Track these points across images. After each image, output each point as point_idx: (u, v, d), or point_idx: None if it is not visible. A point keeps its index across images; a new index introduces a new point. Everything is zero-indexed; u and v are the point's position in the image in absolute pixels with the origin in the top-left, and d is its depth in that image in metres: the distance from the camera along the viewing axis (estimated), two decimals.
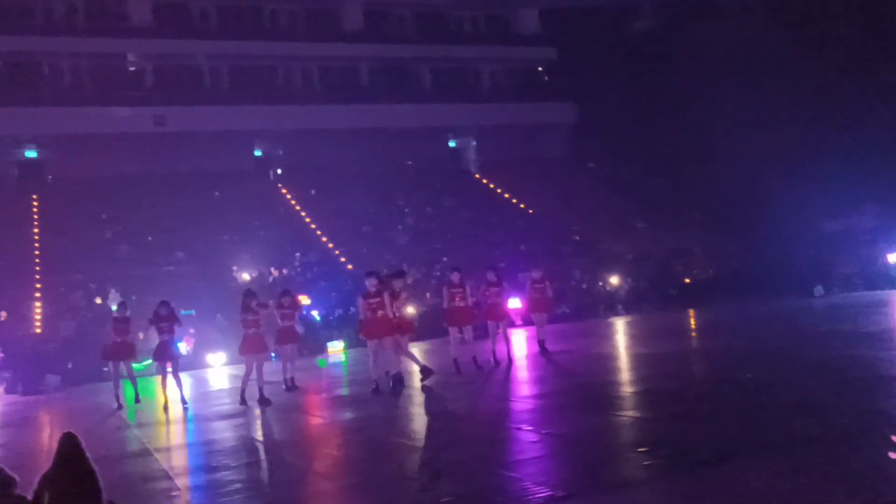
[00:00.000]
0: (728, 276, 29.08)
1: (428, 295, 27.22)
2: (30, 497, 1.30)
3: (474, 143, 42.03)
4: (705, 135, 34.71)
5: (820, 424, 6.78)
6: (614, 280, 29.97)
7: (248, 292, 13.30)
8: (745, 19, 34.06)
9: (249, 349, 12.55)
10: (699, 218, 33.13)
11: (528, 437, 7.81)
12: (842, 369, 9.48)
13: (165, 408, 12.61)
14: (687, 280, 30.91)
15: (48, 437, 11.63)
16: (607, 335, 20.74)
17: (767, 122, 32.74)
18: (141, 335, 21.97)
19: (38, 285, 27.12)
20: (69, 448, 1.17)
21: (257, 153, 38.91)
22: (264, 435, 10.14)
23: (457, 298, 13.42)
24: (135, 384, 14.37)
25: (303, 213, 34.64)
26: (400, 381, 12.31)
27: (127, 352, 14.41)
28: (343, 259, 30.47)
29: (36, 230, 30.96)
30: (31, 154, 35.39)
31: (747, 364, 11.31)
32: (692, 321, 22.52)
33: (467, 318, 13.62)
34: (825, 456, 5.73)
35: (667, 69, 35.99)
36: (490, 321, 14.38)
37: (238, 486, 6.84)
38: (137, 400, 14.13)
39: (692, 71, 34.90)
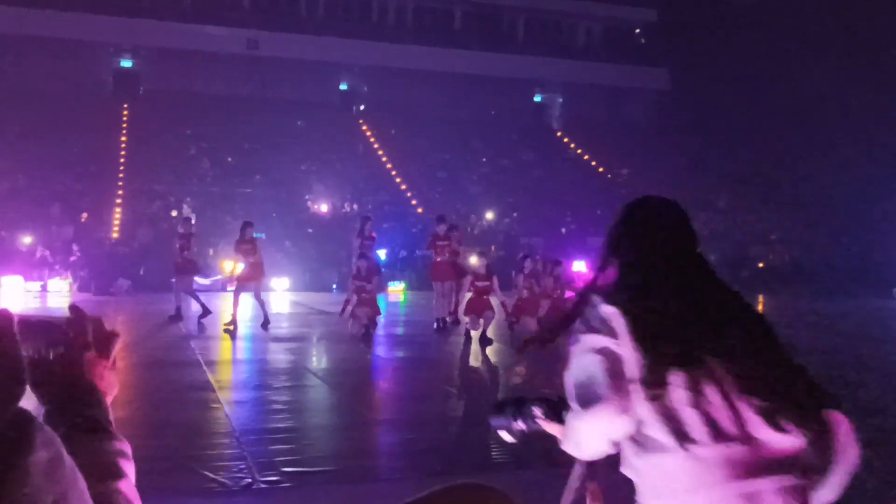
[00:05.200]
0: (805, 266, 28.16)
1: (493, 247, 27.17)
2: None
3: (560, 99, 41.28)
4: (802, 119, 33.34)
5: (868, 428, 6.51)
6: None
7: (365, 258, 12.26)
8: None
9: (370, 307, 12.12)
10: (784, 203, 32.00)
11: None
12: None
13: (231, 326, 12.70)
14: (761, 264, 30.02)
15: None
16: None
17: (873, 109, 31.18)
18: (211, 251, 22.62)
19: (120, 192, 28.01)
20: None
21: (343, 87, 39.05)
22: (314, 362, 10.32)
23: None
24: (197, 299, 14.14)
25: (380, 152, 34.75)
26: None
27: (187, 267, 14.27)
28: (414, 202, 30.54)
29: (124, 138, 31.87)
30: (127, 64, 36.29)
31: (805, 358, 10.95)
32: (759, 307, 21.92)
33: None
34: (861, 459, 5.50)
35: (772, 47, 34.50)
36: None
37: (277, 406, 6.98)
38: (204, 314, 13.91)
39: (799, 50, 33.40)
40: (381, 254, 25.62)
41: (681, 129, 37.83)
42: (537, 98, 41.66)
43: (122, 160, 30.24)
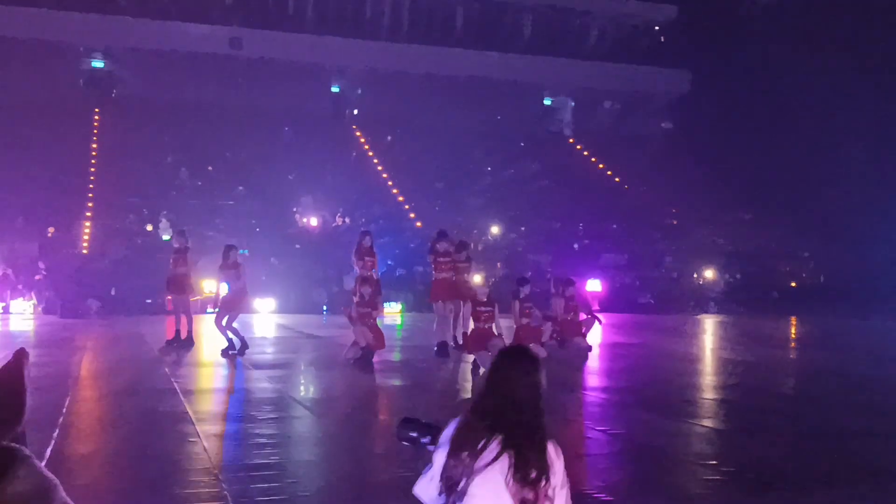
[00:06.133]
0: (840, 285, 28.13)
1: (498, 264, 27.23)
2: None
3: (571, 103, 41.43)
4: (835, 128, 33.39)
5: None
6: (709, 273, 29.33)
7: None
8: None
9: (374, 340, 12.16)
10: (815, 217, 32.02)
11: (581, 432, 7.72)
12: None
13: (232, 352, 12.71)
14: (793, 283, 30.04)
15: (79, 362, 12.08)
16: (692, 333, 20.38)
17: None
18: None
19: (90, 204, 28.06)
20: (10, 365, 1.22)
21: (334, 90, 39.19)
22: (301, 391, 10.31)
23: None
24: (189, 322, 13.95)
25: (375, 161, 34.85)
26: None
27: (180, 285, 13.99)
28: (412, 215, 30.59)
29: (94, 145, 31.97)
30: (98, 64, 36.40)
31: (842, 385, 10.95)
32: (792, 330, 21.93)
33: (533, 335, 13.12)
34: None
35: (804, 47, 34.56)
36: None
37: (260, 439, 6.96)
38: (190, 339, 13.87)
39: (835, 52, 33.46)
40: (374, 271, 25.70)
41: (702, 136, 37.92)
42: (546, 102, 41.80)
43: (92, 169, 30.32)
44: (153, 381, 10.26)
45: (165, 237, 25.23)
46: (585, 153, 39.14)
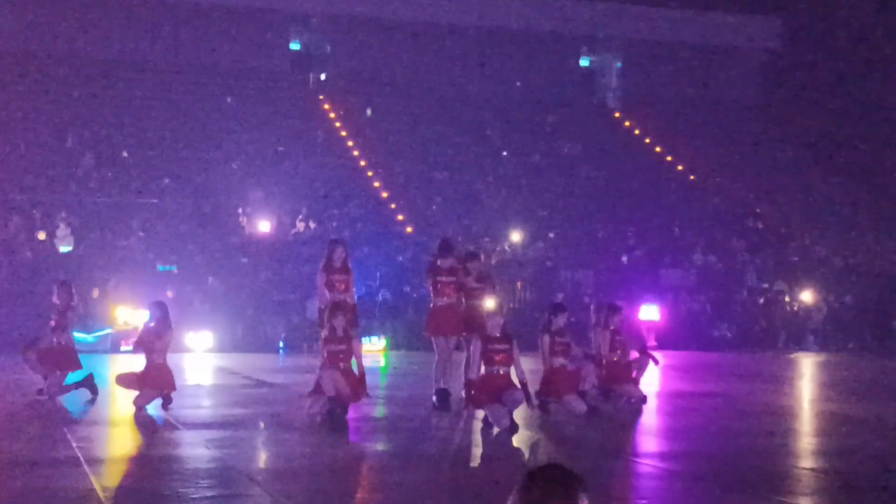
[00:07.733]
0: None
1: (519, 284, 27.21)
2: None
3: (618, 64, 41.44)
4: None
5: None
6: (809, 296, 29.30)
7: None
8: None
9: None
10: None
11: None
12: None
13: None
14: None
15: None
16: (786, 379, 20.37)
17: None
18: (95, 292, 22.58)
19: None
20: None
21: (294, 46, 39.23)
22: (250, 461, 10.27)
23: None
24: (62, 392, 14.02)
25: (350, 143, 34.84)
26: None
27: (60, 356, 14.10)
28: (400, 217, 30.57)
29: None
30: None
31: None
32: None
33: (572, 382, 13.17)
34: None
35: None
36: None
37: None
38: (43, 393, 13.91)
39: None
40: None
41: (798, 108, 37.92)
42: (584, 62, 41.83)
43: None
44: (48, 448, 10.23)
45: (64, 248, 25.21)
46: (637, 132, 39.13)
